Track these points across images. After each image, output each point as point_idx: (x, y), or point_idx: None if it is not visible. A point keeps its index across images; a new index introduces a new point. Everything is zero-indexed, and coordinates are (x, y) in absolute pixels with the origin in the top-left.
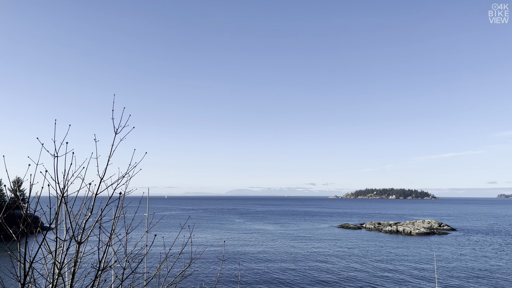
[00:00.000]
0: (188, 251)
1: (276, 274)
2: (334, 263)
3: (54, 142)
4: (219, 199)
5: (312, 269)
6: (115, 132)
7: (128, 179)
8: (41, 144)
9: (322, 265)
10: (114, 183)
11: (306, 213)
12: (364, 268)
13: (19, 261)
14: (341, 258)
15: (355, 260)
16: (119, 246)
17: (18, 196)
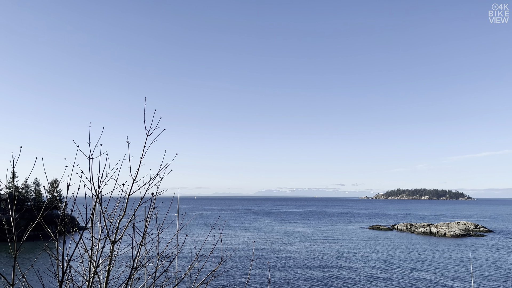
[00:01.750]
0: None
1: (305, 275)
2: (364, 265)
3: (89, 145)
4: (248, 200)
5: (341, 271)
6: (147, 134)
7: (159, 180)
8: (76, 146)
9: (352, 267)
10: (146, 183)
11: (335, 214)
12: (396, 270)
13: (57, 259)
14: (371, 260)
15: (386, 262)
16: (151, 245)
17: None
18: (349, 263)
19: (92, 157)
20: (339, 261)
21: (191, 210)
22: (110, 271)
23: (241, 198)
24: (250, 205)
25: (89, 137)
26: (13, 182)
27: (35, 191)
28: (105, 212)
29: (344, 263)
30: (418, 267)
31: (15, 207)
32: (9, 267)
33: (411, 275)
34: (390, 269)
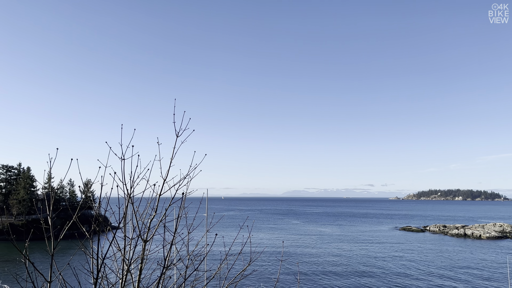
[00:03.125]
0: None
1: (334, 276)
2: (396, 268)
3: (121, 146)
4: (275, 200)
5: (372, 273)
6: (176, 135)
7: (189, 180)
8: (109, 147)
9: (382, 269)
10: (176, 184)
11: (365, 215)
12: (427, 273)
13: (91, 257)
14: (403, 262)
15: (417, 265)
16: (181, 245)
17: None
18: (378, 265)
19: (124, 158)
20: (369, 262)
21: (219, 210)
22: (142, 270)
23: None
24: (278, 206)
25: (121, 138)
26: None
27: (69, 192)
28: (137, 212)
29: (374, 265)
30: (451, 270)
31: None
32: (46, 264)
33: (443, 278)
34: (421, 271)
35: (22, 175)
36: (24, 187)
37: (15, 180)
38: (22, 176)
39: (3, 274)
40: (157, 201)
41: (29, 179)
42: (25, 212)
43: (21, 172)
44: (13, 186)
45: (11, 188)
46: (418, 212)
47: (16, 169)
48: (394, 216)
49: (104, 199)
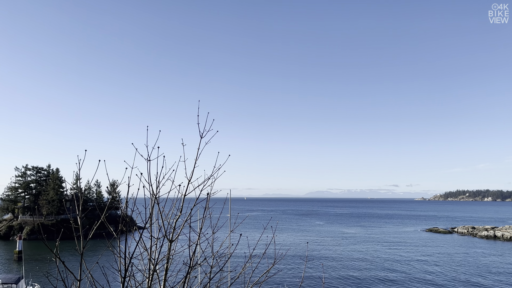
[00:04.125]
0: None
1: (359, 278)
2: (421, 271)
3: (146, 147)
4: (298, 201)
5: (396, 276)
6: (201, 136)
7: (213, 181)
8: (135, 149)
9: (407, 272)
10: (200, 184)
11: (390, 216)
12: (456, 277)
13: (119, 257)
14: (429, 265)
15: (445, 268)
16: (206, 245)
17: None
18: (403, 267)
19: (150, 159)
20: (393, 265)
21: (241, 210)
22: (168, 269)
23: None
24: (301, 206)
25: (146, 140)
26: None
27: (96, 192)
28: (163, 212)
29: (398, 268)
30: (480, 275)
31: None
32: (76, 263)
33: (471, 282)
34: (447, 275)
35: (52, 176)
36: (53, 188)
37: (44, 181)
38: (52, 177)
39: (35, 272)
40: (182, 201)
41: (58, 180)
42: (54, 212)
43: (50, 173)
44: (43, 187)
45: (41, 189)
46: (445, 213)
47: (46, 170)
48: (420, 217)
49: (130, 200)
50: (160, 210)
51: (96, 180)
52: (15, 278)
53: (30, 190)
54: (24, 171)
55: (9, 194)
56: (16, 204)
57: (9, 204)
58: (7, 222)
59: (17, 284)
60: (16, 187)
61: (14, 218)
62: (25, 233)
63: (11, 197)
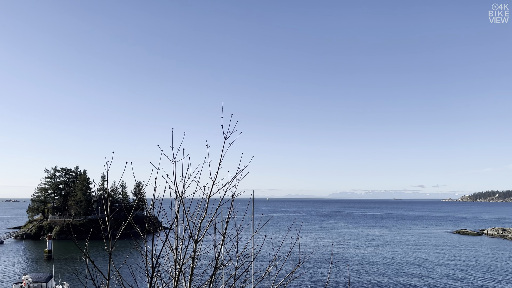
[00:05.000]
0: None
1: (385, 280)
2: (448, 274)
3: (172, 149)
4: (321, 202)
5: (423, 279)
6: (225, 138)
7: (237, 182)
8: (160, 150)
9: (434, 275)
10: (224, 185)
11: (416, 217)
12: (484, 280)
13: (146, 257)
14: (457, 268)
15: (473, 271)
16: (231, 245)
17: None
18: (429, 270)
19: (175, 160)
20: (420, 267)
21: (264, 211)
22: (194, 269)
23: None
24: (324, 207)
25: (172, 141)
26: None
27: (122, 193)
28: (188, 213)
29: (425, 270)
30: (510, 280)
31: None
32: (104, 262)
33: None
34: (475, 278)
35: (79, 177)
36: (81, 189)
37: (72, 182)
38: (79, 179)
39: (64, 271)
40: (207, 202)
41: (86, 182)
42: (82, 212)
43: (78, 174)
44: (71, 188)
45: (69, 190)
46: (474, 215)
47: (74, 172)
48: (448, 218)
49: (156, 201)
50: (186, 211)
51: (122, 181)
52: (45, 277)
53: (59, 191)
54: (53, 172)
55: (39, 195)
56: (46, 204)
57: (39, 204)
58: (38, 222)
59: (47, 282)
60: (46, 188)
61: (44, 219)
62: (54, 233)
63: (41, 198)
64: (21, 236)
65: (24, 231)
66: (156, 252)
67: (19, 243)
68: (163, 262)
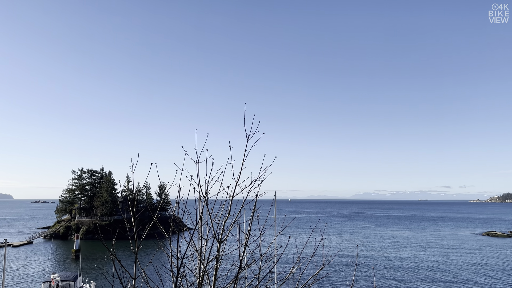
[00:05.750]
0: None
1: (411, 283)
2: (475, 277)
3: (195, 150)
4: (344, 203)
5: (452, 284)
6: (247, 138)
7: (259, 183)
8: (184, 151)
9: (465, 278)
10: (247, 186)
11: (442, 219)
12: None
13: (171, 257)
14: (485, 271)
15: (502, 274)
16: (254, 246)
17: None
18: (461, 273)
19: (199, 161)
20: (450, 270)
21: (286, 212)
22: (218, 270)
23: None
24: (347, 208)
25: (195, 142)
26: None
27: (146, 194)
28: (211, 213)
29: (456, 274)
30: None
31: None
32: (129, 262)
33: None
34: (504, 282)
35: (105, 178)
36: (106, 190)
37: (98, 183)
38: (105, 180)
39: (91, 270)
40: (230, 203)
41: (111, 183)
42: (107, 213)
43: (103, 176)
44: (97, 189)
45: (95, 191)
46: (504, 216)
47: (99, 173)
48: (476, 220)
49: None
50: (209, 212)
51: (146, 182)
52: (73, 276)
53: (85, 192)
54: (80, 174)
55: (67, 196)
56: (73, 205)
57: (66, 205)
58: (65, 222)
59: (75, 281)
60: (73, 189)
61: (71, 219)
62: (81, 233)
63: (68, 199)
64: (49, 236)
65: (53, 231)
66: (181, 252)
67: (47, 242)
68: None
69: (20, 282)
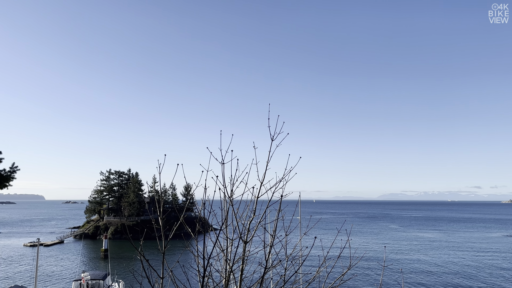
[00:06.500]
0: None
1: (442, 286)
2: (506, 282)
3: (220, 151)
4: (370, 204)
5: (486, 286)
6: (271, 139)
7: (284, 183)
8: (210, 152)
9: (496, 284)
10: (272, 187)
11: (473, 220)
12: None
13: (197, 257)
14: None
15: None
16: (280, 247)
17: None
18: (493, 277)
19: (224, 162)
20: (482, 274)
21: (311, 213)
22: (243, 270)
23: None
24: (373, 209)
25: (220, 143)
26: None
27: (172, 195)
28: (237, 213)
29: (488, 277)
30: None
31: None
32: (157, 261)
33: None
34: None
35: (132, 179)
36: (133, 191)
37: (126, 184)
38: (132, 181)
39: (119, 269)
40: (255, 203)
41: (138, 184)
42: (135, 213)
43: (130, 177)
44: (124, 190)
45: (122, 192)
46: None
47: (126, 174)
48: (508, 221)
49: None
50: (235, 212)
51: (171, 183)
52: (102, 275)
53: (113, 193)
54: (108, 175)
55: (95, 197)
56: (102, 206)
57: (95, 205)
58: (94, 222)
59: (104, 280)
60: (101, 190)
61: (100, 219)
62: (110, 233)
63: (97, 200)
64: (79, 236)
65: (83, 231)
66: (207, 252)
67: (78, 242)
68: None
69: (51, 280)
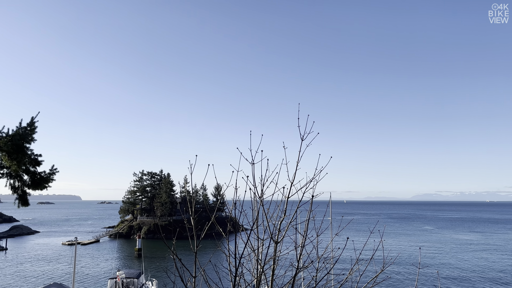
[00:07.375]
0: (379, 256)
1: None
2: None
3: (250, 151)
4: (403, 204)
5: None
6: (301, 139)
7: (315, 184)
8: (240, 153)
9: None
10: (303, 187)
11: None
12: None
13: (229, 257)
14: None
15: None
16: (311, 247)
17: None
18: None
19: (254, 162)
20: None
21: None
22: (275, 270)
23: (395, 202)
24: (406, 210)
25: (250, 144)
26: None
27: (202, 195)
28: (267, 214)
29: None
30: None
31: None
32: (189, 261)
33: None
34: None
35: (164, 180)
36: (165, 191)
37: (158, 185)
38: (164, 182)
39: (153, 268)
40: (286, 203)
41: (170, 184)
42: (167, 213)
43: (163, 177)
44: (156, 191)
45: (155, 192)
46: None
47: (159, 175)
48: None
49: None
50: (265, 212)
51: (202, 183)
52: (136, 273)
53: (146, 194)
54: (141, 176)
55: (129, 197)
56: (135, 206)
57: (129, 206)
58: (128, 222)
59: (138, 278)
60: (135, 190)
61: (133, 219)
62: (143, 232)
63: (130, 200)
64: (114, 235)
65: (117, 231)
66: (238, 252)
67: (112, 241)
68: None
69: (88, 278)
